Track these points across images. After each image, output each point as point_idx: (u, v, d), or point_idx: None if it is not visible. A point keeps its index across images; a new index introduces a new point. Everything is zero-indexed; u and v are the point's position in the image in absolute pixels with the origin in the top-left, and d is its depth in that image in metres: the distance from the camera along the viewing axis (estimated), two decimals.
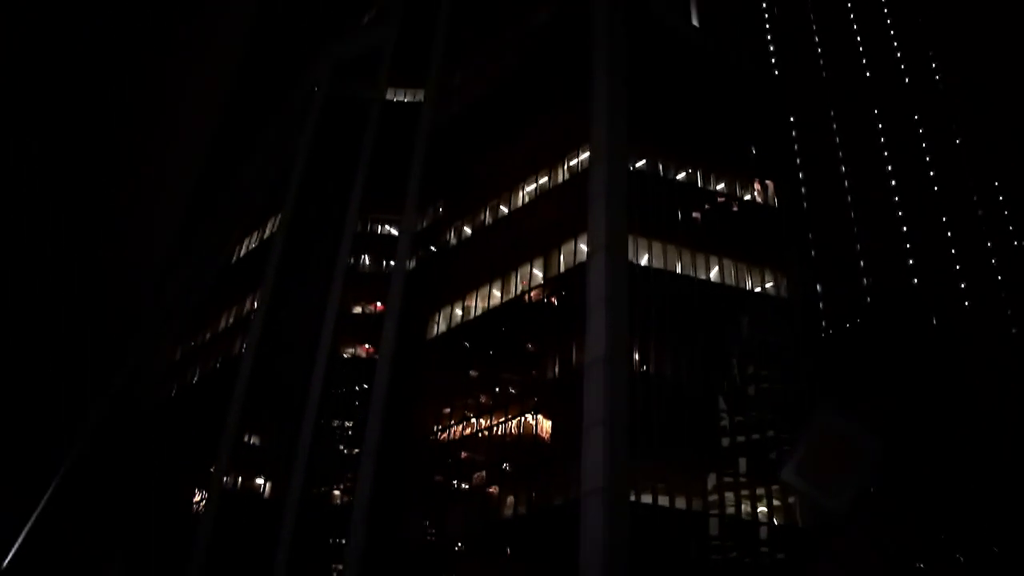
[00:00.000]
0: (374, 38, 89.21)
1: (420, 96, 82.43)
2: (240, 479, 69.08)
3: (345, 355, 71.61)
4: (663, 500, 48.55)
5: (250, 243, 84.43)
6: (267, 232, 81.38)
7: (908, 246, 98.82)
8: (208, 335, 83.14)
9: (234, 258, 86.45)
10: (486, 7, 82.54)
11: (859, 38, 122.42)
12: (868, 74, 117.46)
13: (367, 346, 71.49)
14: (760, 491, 51.03)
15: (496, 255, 63.63)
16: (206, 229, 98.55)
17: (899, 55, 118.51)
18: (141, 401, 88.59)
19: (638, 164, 60.80)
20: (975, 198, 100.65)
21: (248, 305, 77.57)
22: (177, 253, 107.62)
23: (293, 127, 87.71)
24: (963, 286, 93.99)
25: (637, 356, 52.67)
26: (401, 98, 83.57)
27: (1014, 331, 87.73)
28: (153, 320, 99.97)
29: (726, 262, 59.69)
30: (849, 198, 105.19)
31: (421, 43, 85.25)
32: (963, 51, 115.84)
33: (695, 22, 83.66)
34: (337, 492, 67.16)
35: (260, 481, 69.47)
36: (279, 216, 79.05)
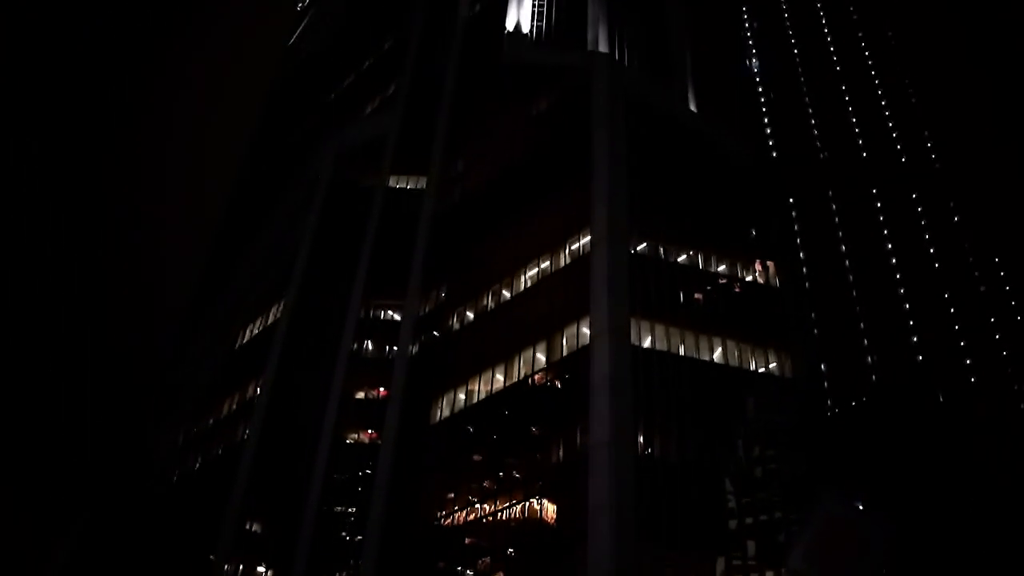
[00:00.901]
0: (377, 127, 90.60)
1: (423, 183, 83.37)
2: (241, 567, 68.08)
3: (348, 440, 71.07)
4: None
5: (254, 329, 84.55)
6: (271, 318, 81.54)
7: (911, 323, 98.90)
8: (211, 421, 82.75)
9: (238, 344, 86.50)
10: (488, 96, 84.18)
11: (855, 119, 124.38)
12: (865, 154, 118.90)
13: (370, 431, 71.01)
14: (769, 575, 50.19)
15: (499, 339, 63.72)
16: (211, 315, 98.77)
17: (895, 135, 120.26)
18: (143, 486, 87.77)
19: (639, 247, 61.33)
20: (976, 274, 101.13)
21: (251, 391, 77.35)
22: (182, 339, 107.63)
23: (297, 214, 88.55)
24: (968, 362, 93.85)
25: (642, 439, 52.37)
26: (404, 185, 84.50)
27: (1023, 407, 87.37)
28: (156, 405, 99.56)
29: (729, 343, 59.73)
30: (851, 277, 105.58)
31: (424, 131, 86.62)
32: (958, 131, 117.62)
33: (693, 107, 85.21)
34: None
35: (261, 569, 68.44)
36: (283, 302, 79.33)
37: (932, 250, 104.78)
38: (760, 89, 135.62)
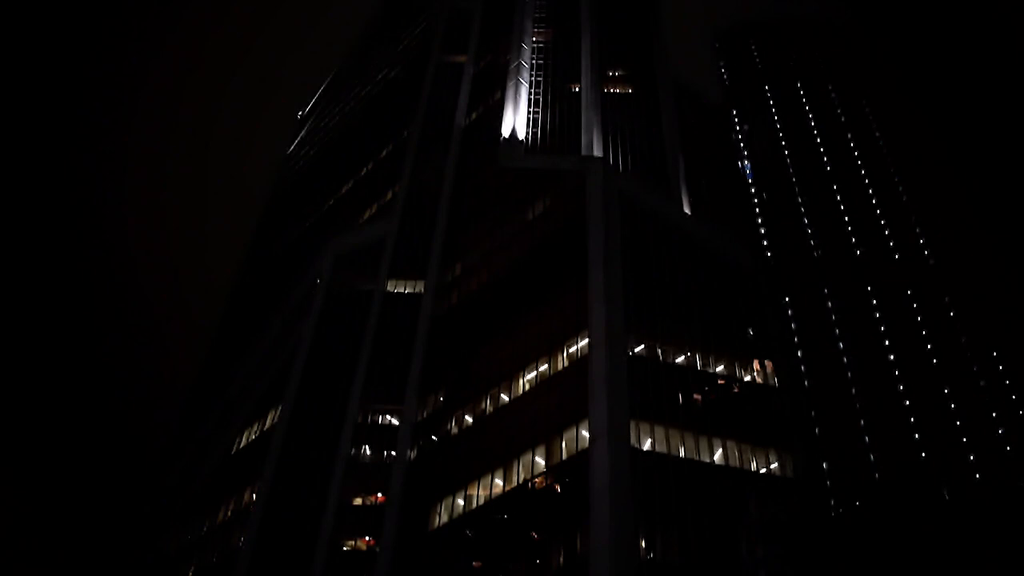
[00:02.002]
0: (375, 232, 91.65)
1: (420, 287, 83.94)
2: None
3: (345, 548, 70.00)
4: None
5: (250, 434, 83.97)
6: (267, 423, 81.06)
7: (912, 420, 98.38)
8: (206, 527, 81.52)
9: (234, 449, 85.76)
10: (484, 201, 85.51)
11: (847, 218, 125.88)
12: (859, 252, 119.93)
13: (367, 538, 69.97)
14: None
15: (498, 443, 63.34)
16: (207, 419, 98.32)
17: (887, 232, 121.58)
18: None
19: (637, 349, 61.50)
20: (975, 368, 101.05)
21: (247, 497, 76.37)
22: (177, 442, 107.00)
23: (295, 318, 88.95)
24: (971, 458, 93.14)
25: (644, 543, 51.67)
26: (402, 290, 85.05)
27: None
28: (151, 511, 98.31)
29: (730, 444, 59.37)
30: (849, 374, 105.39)
31: (421, 236, 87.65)
32: (950, 226, 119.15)
33: (687, 209, 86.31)
34: None
35: None
36: (280, 407, 78.97)
37: (930, 346, 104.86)
38: (753, 190, 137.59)
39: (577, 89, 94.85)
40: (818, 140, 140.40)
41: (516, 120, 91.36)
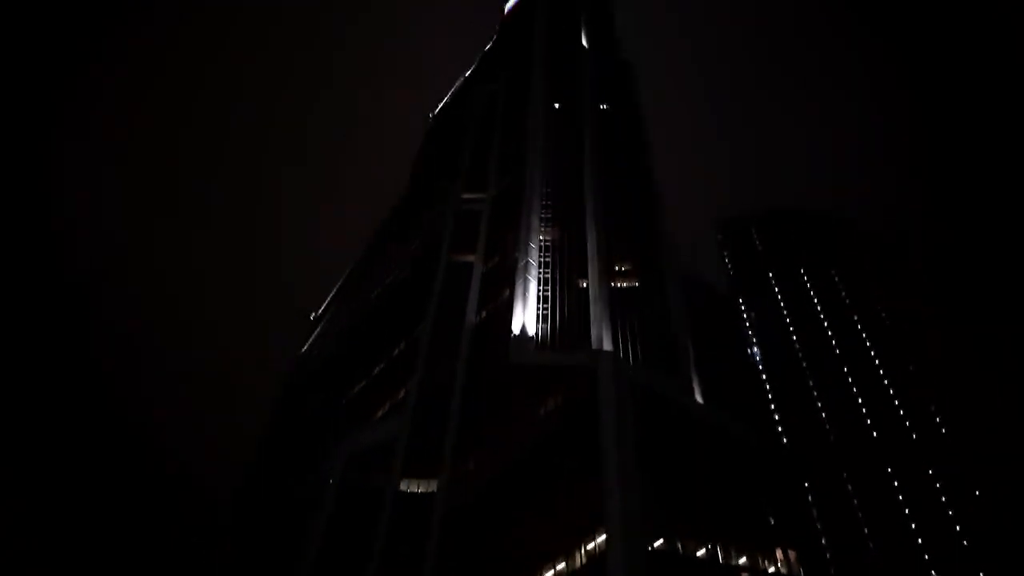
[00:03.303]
0: (388, 431, 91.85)
1: (433, 486, 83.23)
2: None
3: None
4: None
5: None
6: None
7: None
8: None
9: None
10: (496, 397, 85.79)
11: (860, 399, 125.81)
12: (875, 434, 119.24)
13: None
14: None
15: None
16: None
17: (902, 412, 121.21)
18: None
19: (657, 544, 60.32)
20: (1002, 540, 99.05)
21: None
22: None
23: (306, 515, 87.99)
24: None
25: None
26: (414, 489, 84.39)
27: None
28: None
29: None
30: (876, 561, 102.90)
31: (433, 434, 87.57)
32: (964, 401, 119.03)
33: (699, 397, 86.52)
34: None
35: None
36: None
37: (958, 528, 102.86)
38: (764, 375, 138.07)
39: (585, 284, 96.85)
40: (825, 324, 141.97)
41: (526, 316, 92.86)
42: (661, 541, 60.98)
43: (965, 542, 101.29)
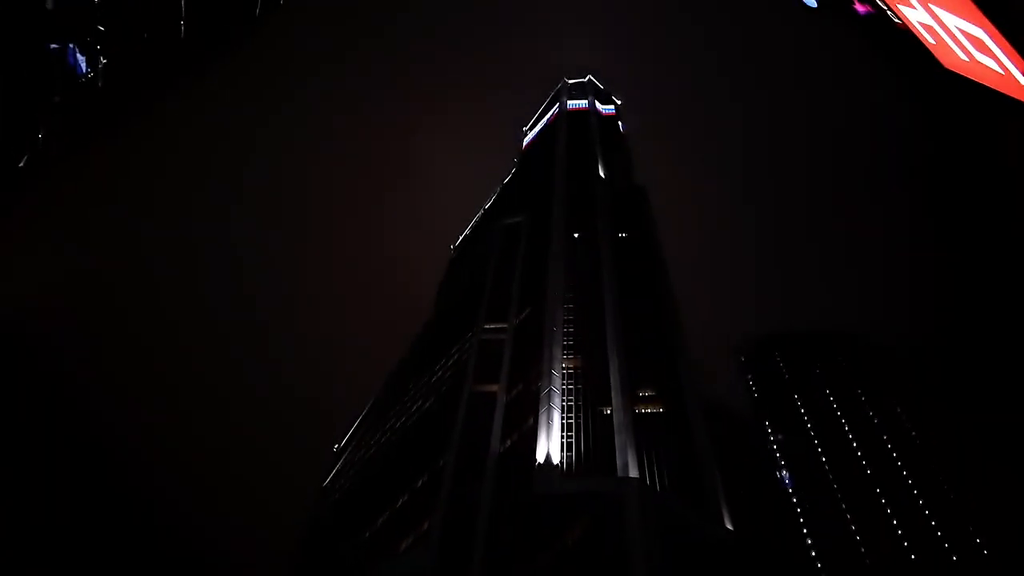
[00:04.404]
0: (413, 564, 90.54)
1: None
2: None
3: None
4: None
5: None
6: None
7: None
8: None
9: None
10: (522, 529, 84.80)
11: (895, 521, 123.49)
12: (913, 556, 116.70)
13: None
14: None
15: None
16: None
17: (939, 533, 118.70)
18: None
19: None
20: None
21: None
22: None
23: None
24: None
25: None
26: None
27: None
28: None
29: None
30: None
31: (459, 566, 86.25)
32: (1006, 520, 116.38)
33: (728, 525, 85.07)
34: None
35: None
36: None
37: None
38: (794, 499, 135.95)
39: (608, 411, 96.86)
40: (854, 444, 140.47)
41: (550, 444, 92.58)
42: None
43: None
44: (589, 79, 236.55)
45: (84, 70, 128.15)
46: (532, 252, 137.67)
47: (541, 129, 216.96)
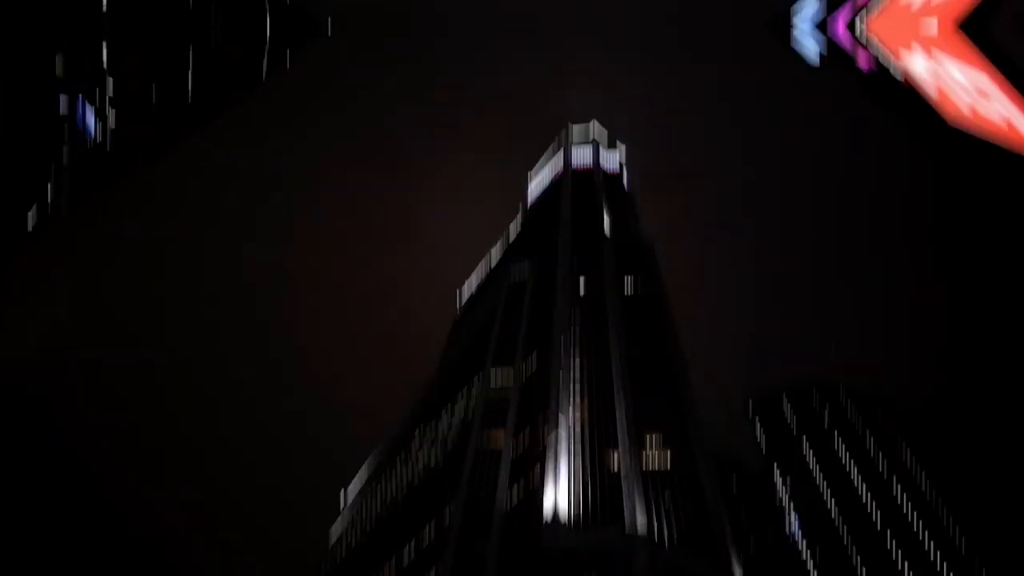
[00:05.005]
0: None
1: None
2: None
3: None
4: None
5: None
6: None
7: None
8: None
9: None
10: None
11: (906, 565, 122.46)
12: None
13: None
14: None
15: None
16: None
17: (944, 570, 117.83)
18: None
19: None
20: None
21: None
22: None
23: None
24: None
25: None
26: None
27: None
28: None
29: None
30: None
31: None
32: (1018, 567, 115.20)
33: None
34: None
35: None
36: None
37: None
38: (804, 547, 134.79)
39: (616, 462, 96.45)
40: (864, 492, 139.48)
41: (557, 497, 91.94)
42: None
43: None
44: (593, 122, 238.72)
45: (93, 135, 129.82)
46: (538, 309, 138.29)
47: (547, 187, 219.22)
